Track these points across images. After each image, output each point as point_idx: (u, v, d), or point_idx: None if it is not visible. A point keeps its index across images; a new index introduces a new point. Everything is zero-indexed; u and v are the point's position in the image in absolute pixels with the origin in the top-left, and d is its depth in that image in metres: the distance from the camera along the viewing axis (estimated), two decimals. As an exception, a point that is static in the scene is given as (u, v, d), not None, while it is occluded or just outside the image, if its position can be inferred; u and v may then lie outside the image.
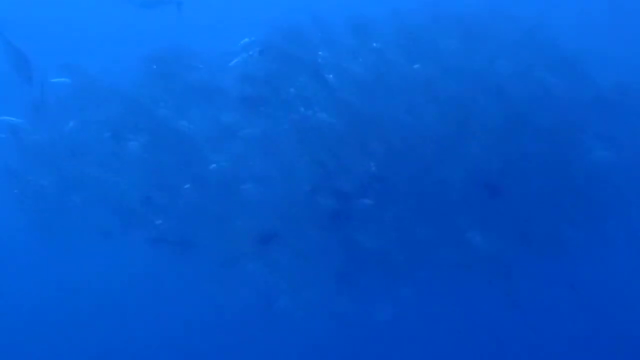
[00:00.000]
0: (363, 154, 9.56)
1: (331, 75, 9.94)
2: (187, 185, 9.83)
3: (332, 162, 9.48)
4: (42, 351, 10.38)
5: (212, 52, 11.26)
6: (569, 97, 9.93)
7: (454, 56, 10.06)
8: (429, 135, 9.50)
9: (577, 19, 12.01)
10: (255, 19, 12.39)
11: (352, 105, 9.71)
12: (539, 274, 9.28)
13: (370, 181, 9.41)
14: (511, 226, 9.13)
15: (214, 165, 10.04)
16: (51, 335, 10.71)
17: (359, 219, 9.34)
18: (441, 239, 9.02)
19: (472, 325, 9.83)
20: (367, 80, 9.91)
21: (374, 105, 9.70)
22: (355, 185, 9.39)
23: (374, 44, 10.22)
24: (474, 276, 9.13)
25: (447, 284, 9.40)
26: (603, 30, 13.25)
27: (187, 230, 9.55)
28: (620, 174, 9.47)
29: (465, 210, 9.02)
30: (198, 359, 10.42)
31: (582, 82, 10.15)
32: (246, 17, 14.61)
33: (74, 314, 11.02)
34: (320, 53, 10.12)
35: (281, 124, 9.90)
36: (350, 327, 9.44)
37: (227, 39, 12.13)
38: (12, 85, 9.24)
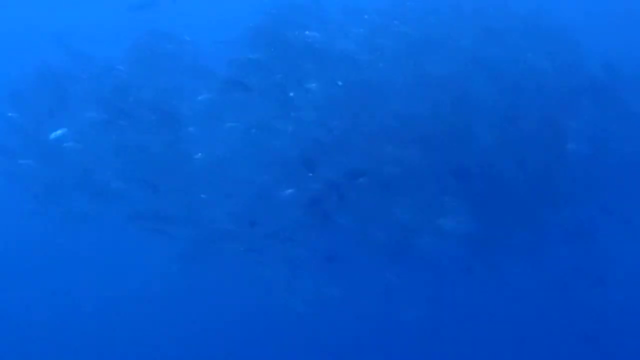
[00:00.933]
0: (351, 137, 9.51)
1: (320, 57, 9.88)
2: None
3: (319, 145, 9.42)
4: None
5: (205, 39, 11.29)
6: (558, 82, 9.89)
7: (444, 38, 10.01)
8: (417, 118, 9.43)
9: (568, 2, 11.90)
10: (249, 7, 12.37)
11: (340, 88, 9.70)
12: (519, 262, 9.22)
13: (356, 166, 9.30)
14: (492, 211, 9.05)
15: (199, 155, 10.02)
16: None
17: (346, 202, 9.26)
18: (421, 225, 8.93)
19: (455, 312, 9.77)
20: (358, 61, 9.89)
21: (363, 90, 9.67)
22: (340, 169, 9.30)
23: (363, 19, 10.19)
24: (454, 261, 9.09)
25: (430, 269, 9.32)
26: (593, 12, 13.24)
27: (169, 210, 9.49)
28: (602, 161, 9.44)
29: (446, 195, 8.94)
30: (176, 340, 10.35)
31: (572, 67, 10.12)
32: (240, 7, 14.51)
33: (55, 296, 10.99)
34: (307, 32, 10.03)
35: (270, 106, 9.83)
36: (335, 310, 9.36)
37: (219, 27, 12.16)
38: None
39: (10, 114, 10.68)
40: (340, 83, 9.81)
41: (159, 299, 10.51)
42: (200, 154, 9.99)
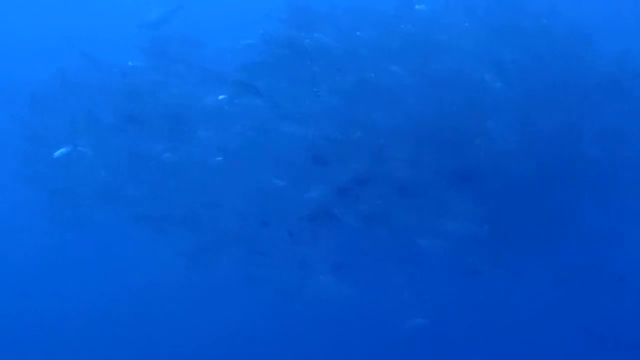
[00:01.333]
0: (361, 139, 9.46)
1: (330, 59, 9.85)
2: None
3: (328, 147, 9.39)
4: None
5: (217, 43, 11.36)
6: (573, 82, 9.71)
7: (454, 38, 9.89)
8: (428, 120, 9.33)
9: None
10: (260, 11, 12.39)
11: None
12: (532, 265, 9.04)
13: (366, 168, 9.24)
14: (505, 214, 8.91)
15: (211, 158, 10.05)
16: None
17: (354, 204, 9.21)
18: (432, 227, 8.83)
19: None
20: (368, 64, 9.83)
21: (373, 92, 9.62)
22: (350, 171, 9.25)
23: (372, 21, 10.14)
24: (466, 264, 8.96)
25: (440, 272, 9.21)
26: (607, 10, 12.99)
27: (180, 213, 9.56)
28: (618, 160, 9.25)
29: (457, 197, 8.83)
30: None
31: (587, 66, 9.93)
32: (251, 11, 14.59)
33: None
34: (316, 35, 9.99)
35: (280, 109, 9.82)
36: (342, 312, 9.29)
37: (231, 31, 12.21)
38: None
39: (27, 119, 10.91)
40: (349, 85, 9.77)
41: (169, 301, 10.56)
42: (211, 158, 10.05)
